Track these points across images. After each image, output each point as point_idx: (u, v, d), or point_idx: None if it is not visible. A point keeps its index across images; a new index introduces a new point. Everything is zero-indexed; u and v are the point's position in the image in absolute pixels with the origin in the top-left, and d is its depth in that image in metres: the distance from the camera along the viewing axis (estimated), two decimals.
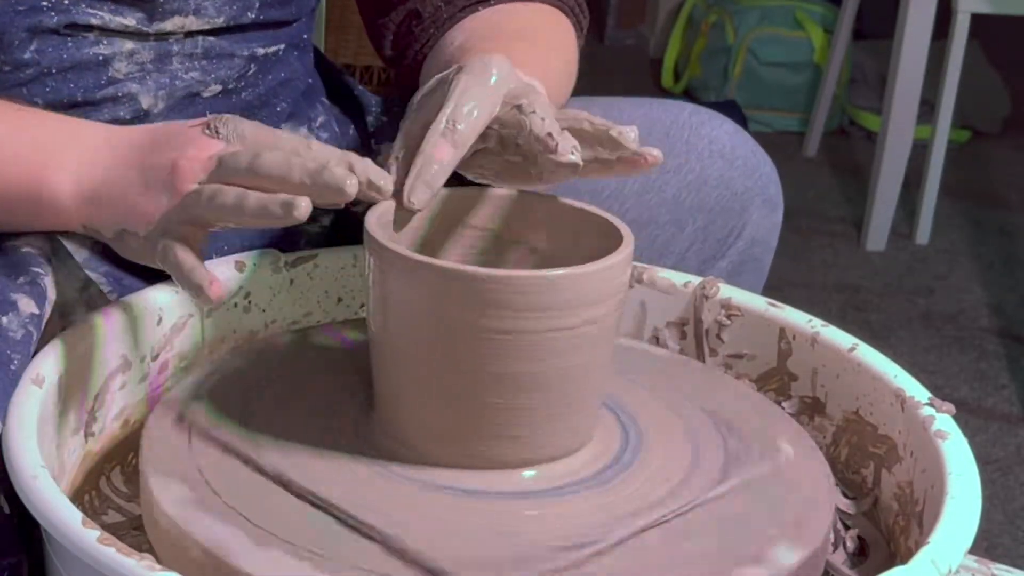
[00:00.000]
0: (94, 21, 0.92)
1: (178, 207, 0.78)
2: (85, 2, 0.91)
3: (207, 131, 0.80)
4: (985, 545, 1.79)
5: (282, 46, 1.02)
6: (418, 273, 0.71)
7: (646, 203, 1.06)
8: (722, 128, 1.08)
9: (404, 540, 0.68)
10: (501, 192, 0.82)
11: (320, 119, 1.08)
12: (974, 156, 3.27)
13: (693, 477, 0.76)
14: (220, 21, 0.96)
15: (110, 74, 0.94)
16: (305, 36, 1.06)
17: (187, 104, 0.97)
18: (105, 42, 0.93)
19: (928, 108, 2.83)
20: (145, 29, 0.93)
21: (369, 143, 1.09)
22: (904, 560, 0.69)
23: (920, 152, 2.79)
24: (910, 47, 2.67)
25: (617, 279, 0.74)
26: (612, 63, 3.80)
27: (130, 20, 0.93)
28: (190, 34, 0.96)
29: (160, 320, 0.86)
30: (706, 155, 1.06)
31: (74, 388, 0.80)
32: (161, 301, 0.86)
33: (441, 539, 0.69)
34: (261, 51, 1.00)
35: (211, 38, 0.97)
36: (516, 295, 0.70)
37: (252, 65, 1.00)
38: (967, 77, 2.75)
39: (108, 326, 0.83)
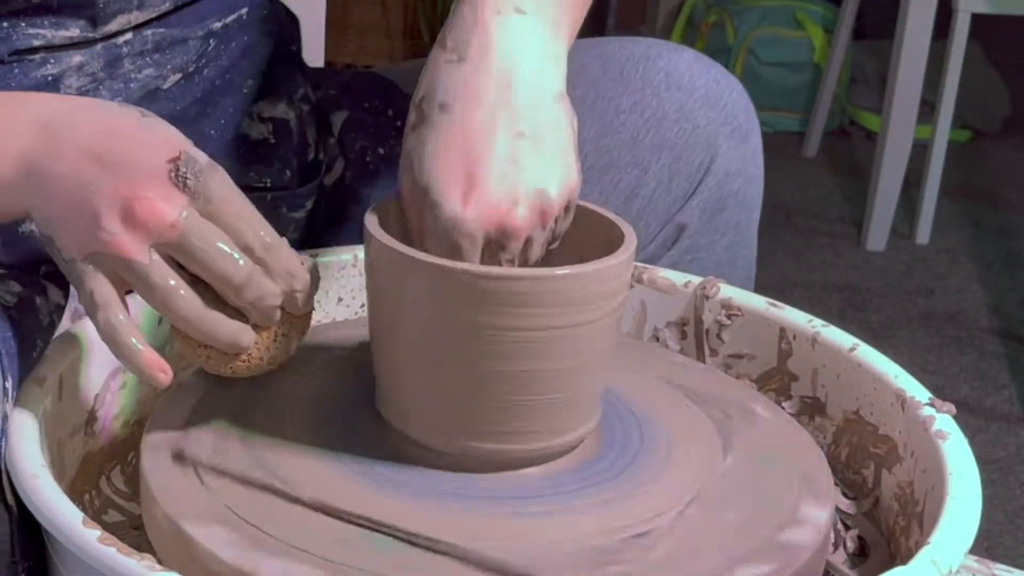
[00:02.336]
0: (37, 43, 0.87)
1: (120, 261, 0.71)
2: (25, 21, 0.87)
3: (174, 177, 0.71)
4: (985, 545, 1.79)
5: (244, 11, 0.97)
6: (418, 271, 0.71)
7: (604, 148, 1.00)
8: (681, 58, 1.00)
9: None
10: None
11: (300, 91, 1.02)
12: (974, 156, 3.27)
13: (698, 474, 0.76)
14: (167, 5, 0.91)
15: (62, 93, 0.89)
16: None
17: (149, 102, 0.93)
18: (53, 60, 0.88)
19: (928, 108, 2.83)
20: (91, 35, 0.89)
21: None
22: (904, 560, 0.69)
23: (920, 152, 2.79)
24: (910, 47, 2.67)
25: (618, 278, 0.74)
26: None
27: (73, 31, 0.88)
28: (138, 28, 0.91)
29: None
30: (663, 88, 0.99)
31: (75, 388, 0.80)
32: None
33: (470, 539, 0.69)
34: (218, 24, 0.95)
35: (161, 29, 0.92)
36: (517, 293, 0.70)
37: (211, 41, 0.95)
38: (967, 77, 2.75)
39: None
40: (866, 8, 3.17)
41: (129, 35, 0.91)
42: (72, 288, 0.85)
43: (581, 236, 0.79)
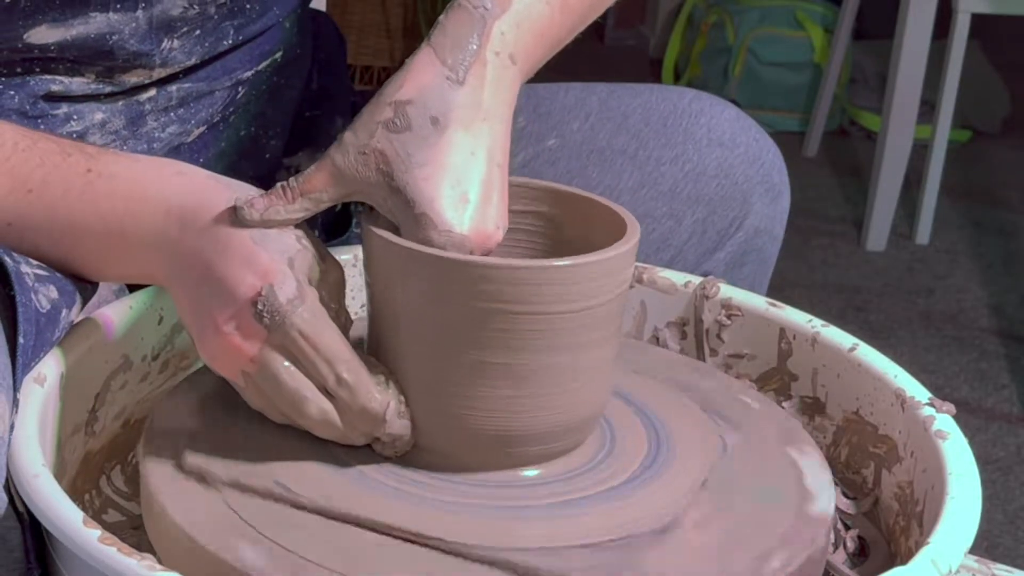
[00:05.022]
0: (56, 88, 0.87)
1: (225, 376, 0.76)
2: (39, 67, 0.87)
3: (255, 312, 0.72)
4: (985, 545, 1.79)
5: (278, 54, 0.96)
6: (419, 264, 0.71)
7: (642, 198, 1.02)
8: (723, 115, 1.03)
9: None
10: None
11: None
12: (974, 156, 3.27)
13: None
14: (193, 61, 0.91)
15: None
16: (293, 26, 0.98)
17: (172, 157, 0.91)
18: (76, 117, 0.89)
19: (928, 108, 2.83)
20: (107, 82, 0.88)
21: None
22: (904, 560, 0.69)
23: (920, 152, 2.79)
24: (910, 47, 2.67)
25: (622, 270, 0.74)
26: (612, 63, 3.80)
27: (89, 76, 0.88)
28: (161, 84, 0.91)
29: (161, 320, 0.86)
30: (704, 144, 1.02)
31: (75, 387, 0.80)
32: (162, 300, 0.86)
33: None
34: (249, 73, 0.95)
35: (186, 84, 0.92)
36: (519, 285, 0.70)
37: (240, 88, 0.95)
38: (967, 77, 2.75)
39: (109, 325, 0.83)
40: (866, 8, 3.17)
41: (152, 91, 0.91)
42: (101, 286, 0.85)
43: (584, 226, 0.79)
